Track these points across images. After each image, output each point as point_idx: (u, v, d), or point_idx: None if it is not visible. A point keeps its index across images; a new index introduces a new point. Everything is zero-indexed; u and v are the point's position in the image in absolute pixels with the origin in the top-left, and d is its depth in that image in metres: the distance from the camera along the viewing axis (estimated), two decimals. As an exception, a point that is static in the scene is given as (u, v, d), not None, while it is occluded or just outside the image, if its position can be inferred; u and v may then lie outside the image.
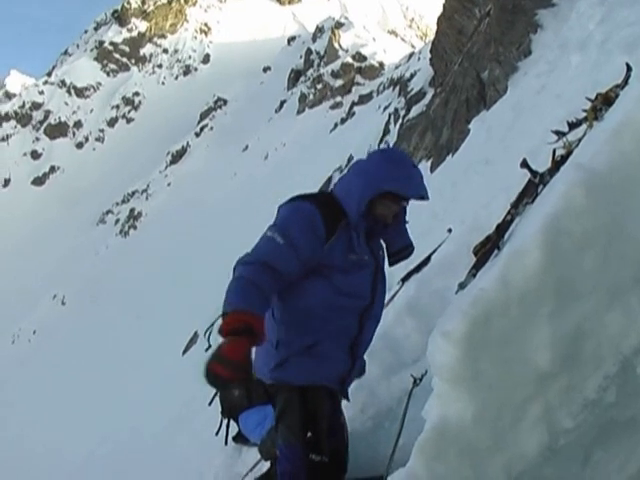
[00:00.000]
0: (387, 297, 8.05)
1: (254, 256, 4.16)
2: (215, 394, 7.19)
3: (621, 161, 3.53)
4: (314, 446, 4.37)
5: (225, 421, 7.08)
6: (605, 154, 3.59)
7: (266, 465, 6.17)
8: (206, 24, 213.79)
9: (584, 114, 5.65)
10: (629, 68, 5.68)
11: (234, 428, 7.13)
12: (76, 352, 59.04)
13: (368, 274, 4.54)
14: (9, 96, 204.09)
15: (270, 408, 4.84)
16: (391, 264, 4.83)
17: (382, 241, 4.79)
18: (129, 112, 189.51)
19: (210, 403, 7.19)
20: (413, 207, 4.83)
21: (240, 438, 7.22)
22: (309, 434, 4.38)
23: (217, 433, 7.09)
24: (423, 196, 4.57)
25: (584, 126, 5.61)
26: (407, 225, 4.86)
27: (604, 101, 5.35)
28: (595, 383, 3.41)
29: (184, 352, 34.81)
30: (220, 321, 3.98)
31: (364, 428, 5.49)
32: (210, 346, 4.48)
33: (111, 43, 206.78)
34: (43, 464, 28.99)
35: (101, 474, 19.24)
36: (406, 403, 4.93)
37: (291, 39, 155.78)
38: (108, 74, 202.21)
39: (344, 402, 4.79)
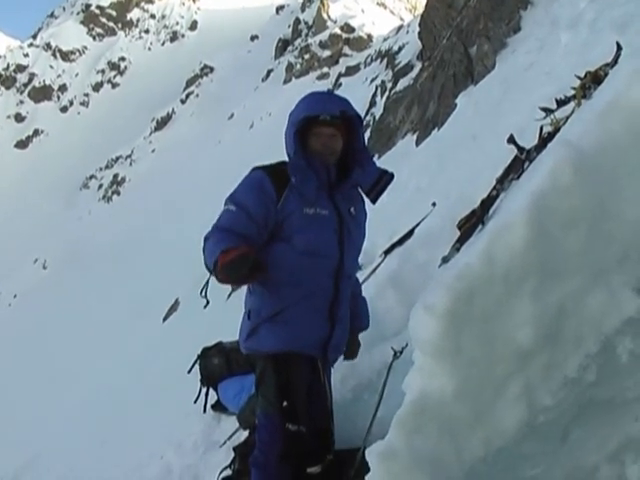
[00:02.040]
0: (369, 270, 8.08)
1: (212, 228, 4.37)
2: (195, 362, 7.21)
3: (609, 141, 3.54)
4: (290, 415, 4.38)
5: (204, 389, 7.11)
6: (593, 134, 3.59)
7: (244, 434, 6.19)
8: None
9: (573, 92, 5.65)
10: (619, 47, 5.68)
11: (213, 396, 7.14)
12: (56, 316, 58.97)
13: (330, 230, 4.50)
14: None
15: (249, 378, 4.86)
16: (373, 201, 4.74)
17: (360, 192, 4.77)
18: (114, 77, 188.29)
19: (189, 371, 7.20)
20: (397, 181, 4.80)
21: (219, 406, 7.25)
22: (284, 403, 4.39)
23: (196, 401, 7.10)
24: (344, 110, 4.56)
25: (572, 104, 5.61)
26: (375, 164, 4.81)
27: (593, 79, 5.35)
28: (576, 362, 3.43)
29: (164, 319, 34.76)
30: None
31: (343, 400, 5.50)
32: (208, 302, 4.60)
33: (98, 7, 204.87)
34: (22, 428, 29.00)
35: (80, 440, 19.25)
36: (386, 376, 4.94)
37: (280, 8, 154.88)
38: (94, 38, 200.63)
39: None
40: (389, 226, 9.76)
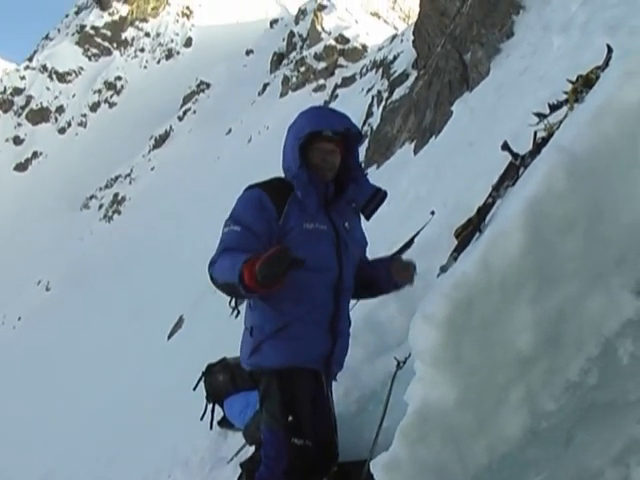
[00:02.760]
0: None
1: (218, 251, 4.34)
2: (200, 379, 7.22)
3: (602, 144, 3.55)
4: (296, 430, 4.38)
5: (210, 406, 7.11)
6: (586, 137, 3.60)
7: (251, 450, 6.19)
8: (188, 7, 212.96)
9: (565, 96, 5.66)
10: (610, 50, 5.69)
11: (219, 413, 7.15)
12: (61, 338, 58.97)
13: (329, 245, 4.53)
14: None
15: (254, 394, 4.85)
16: (367, 218, 4.80)
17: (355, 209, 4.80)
18: (111, 96, 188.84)
19: (195, 388, 7.21)
20: (396, 190, 4.83)
21: (225, 423, 7.24)
22: (290, 418, 4.38)
23: (202, 418, 7.11)
24: (349, 127, 4.62)
25: (565, 108, 5.62)
26: (372, 183, 4.83)
27: (585, 83, 5.37)
28: (577, 366, 3.43)
29: (169, 337, 34.78)
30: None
31: (348, 412, 5.49)
32: (239, 312, 4.71)
33: (92, 27, 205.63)
34: (30, 448, 28.98)
35: (87, 458, 19.25)
36: (390, 386, 4.94)
37: (274, 22, 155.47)
38: (90, 58, 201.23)
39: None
40: (389, 236, 9.78)
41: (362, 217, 4.85)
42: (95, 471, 16.45)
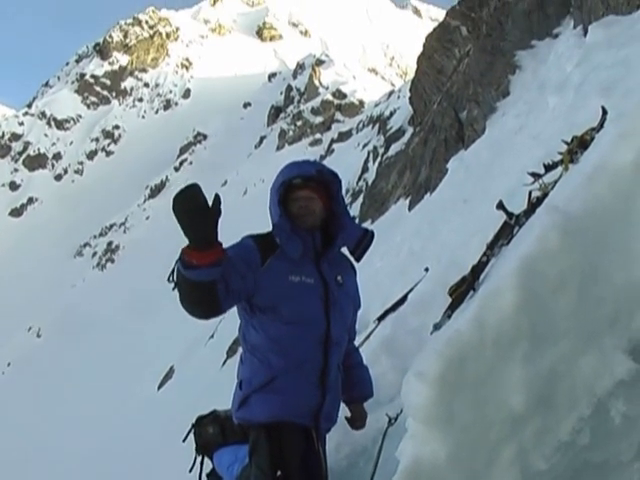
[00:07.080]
0: (362, 336, 8.06)
1: None
2: (189, 431, 7.16)
3: (596, 205, 3.57)
4: None
5: (199, 458, 7.04)
6: (580, 197, 3.63)
7: (240, 503, 6.12)
8: (187, 59, 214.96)
9: (560, 156, 5.71)
10: (605, 111, 5.75)
11: (208, 465, 7.09)
12: (51, 385, 58.58)
13: (316, 298, 4.50)
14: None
15: (243, 449, 4.81)
16: (357, 259, 4.79)
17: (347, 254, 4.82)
18: (109, 145, 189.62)
19: (184, 439, 7.15)
20: (390, 246, 4.85)
21: (214, 476, 7.17)
22: (278, 473, 4.34)
23: (191, 470, 7.04)
24: (320, 169, 4.65)
25: (560, 168, 5.67)
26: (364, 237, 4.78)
27: (580, 144, 5.42)
28: (569, 425, 3.42)
29: (159, 387, 34.56)
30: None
31: (338, 467, 5.45)
32: (176, 285, 4.21)
33: (92, 76, 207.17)
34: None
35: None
36: (381, 442, 4.91)
37: (272, 75, 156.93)
38: (88, 107, 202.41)
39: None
40: (382, 292, 9.78)
41: (356, 269, 4.87)
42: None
